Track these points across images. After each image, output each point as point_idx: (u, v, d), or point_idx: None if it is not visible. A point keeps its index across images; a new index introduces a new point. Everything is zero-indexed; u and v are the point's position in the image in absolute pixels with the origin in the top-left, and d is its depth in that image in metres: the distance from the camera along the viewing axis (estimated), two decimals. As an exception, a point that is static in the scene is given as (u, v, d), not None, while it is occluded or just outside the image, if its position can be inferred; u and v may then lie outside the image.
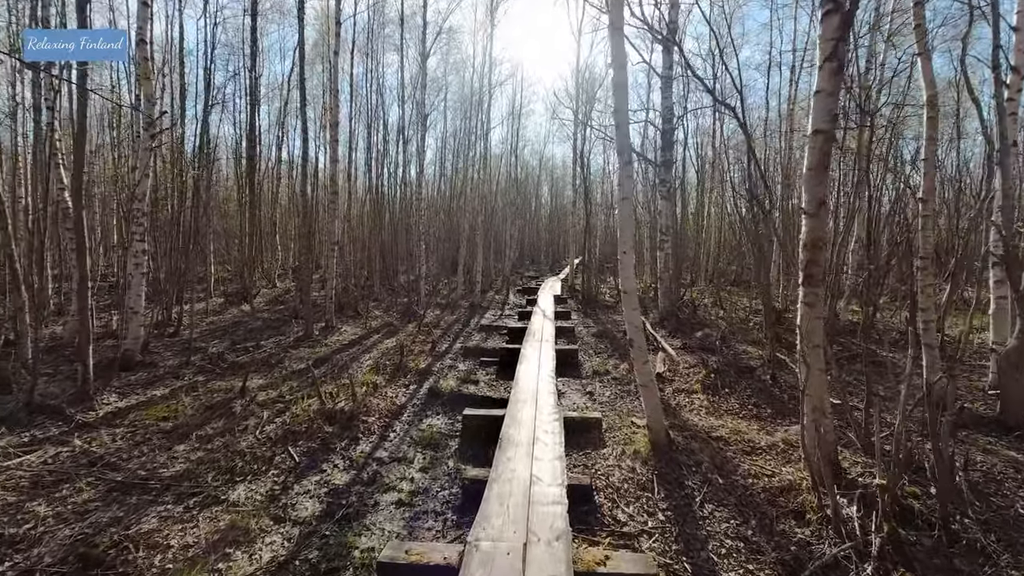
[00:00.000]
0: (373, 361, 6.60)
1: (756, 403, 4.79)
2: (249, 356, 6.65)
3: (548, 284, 14.93)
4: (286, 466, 3.51)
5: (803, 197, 2.89)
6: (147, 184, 5.41)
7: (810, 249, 2.88)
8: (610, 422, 4.33)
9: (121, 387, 5.07)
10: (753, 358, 6.37)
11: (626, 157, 3.28)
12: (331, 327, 8.66)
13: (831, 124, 2.71)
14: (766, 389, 5.14)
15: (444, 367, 6.42)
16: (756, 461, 3.45)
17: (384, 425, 4.31)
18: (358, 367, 6.31)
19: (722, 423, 4.25)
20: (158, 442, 3.82)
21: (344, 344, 7.68)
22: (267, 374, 5.89)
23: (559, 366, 5.93)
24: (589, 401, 5.09)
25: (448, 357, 6.96)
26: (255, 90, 11.34)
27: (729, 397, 4.96)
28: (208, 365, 6.07)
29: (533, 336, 7.06)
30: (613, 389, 5.46)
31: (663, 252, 8.99)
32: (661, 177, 8.84)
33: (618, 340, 7.96)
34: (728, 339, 7.30)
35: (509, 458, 3.15)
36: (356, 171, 15.67)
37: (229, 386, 5.17)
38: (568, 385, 5.65)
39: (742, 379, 5.41)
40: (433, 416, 4.61)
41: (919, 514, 2.48)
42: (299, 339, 7.80)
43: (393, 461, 3.65)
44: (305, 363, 6.49)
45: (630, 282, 3.35)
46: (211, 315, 10.15)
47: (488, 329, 9.04)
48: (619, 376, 5.90)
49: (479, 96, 12.61)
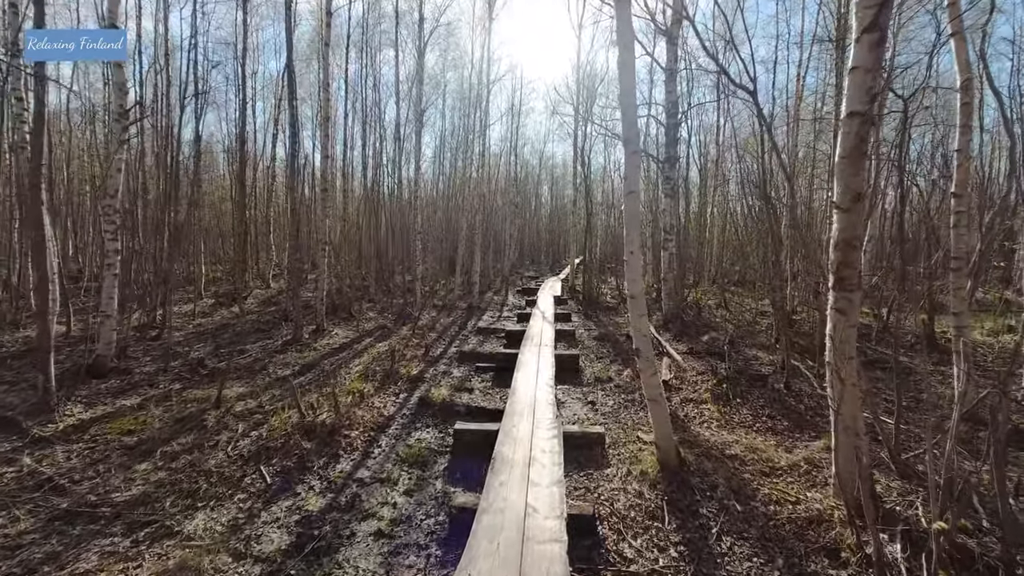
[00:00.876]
0: (363, 367, 6.26)
1: (771, 414, 4.44)
2: (232, 362, 6.30)
3: (548, 285, 14.58)
4: (256, 489, 3.16)
5: (835, 189, 2.54)
6: (119, 179, 5.07)
7: (843, 249, 2.53)
8: (614, 436, 3.99)
9: (88, 396, 4.73)
10: (764, 364, 6.02)
11: (633, 146, 2.94)
12: (322, 330, 8.32)
13: (869, 104, 2.37)
14: (780, 399, 4.80)
15: (437, 373, 6.07)
16: (777, 484, 3.11)
17: (368, 440, 3.96)
18: (346, 373, 5.97)
19: (736, 438, 3.90)
20: (118, 460, 3.48)
21: (334, 348, 7.34)
22: (249, 381, 5.55)
23: (559, 372, 5.59)
24: (591, 411, 4.75)
25: (442, 362, 6.62)
26: (246, 85, 11.00)
27: (741, 408, 4.61)
28: (187, 372, 5.73)
29: (532, 340, 6.72)
30: (616, 398, 5.12)
31: (667, 252, 8.64)
32: (665, 174, 8.49)
33: (621, 344, 7.62)
34: (736, 343, 6.95)
35: (502, 482, 2.81)
36: (353, 170, 15.32)
37: (205, 395, 4.83)
38: (568, 393, 5.31)
39: (754, 388, 5.06)
40: (423, 429, 4.26)
41: (978, 557, 2.13)
42: (287, 343, 7.46)
43: (375, 482, 3.31)
44: (291, 369, 6.16)
45: (637, 285, 3.00)
46: (199, 317, 9.82)
47: (485, 332, 8.70)
48: (622, 384, 5.56)
49: (477, 92, 12.28)
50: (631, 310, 3.07)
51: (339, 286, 11.79)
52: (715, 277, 15.83)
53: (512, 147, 21.92)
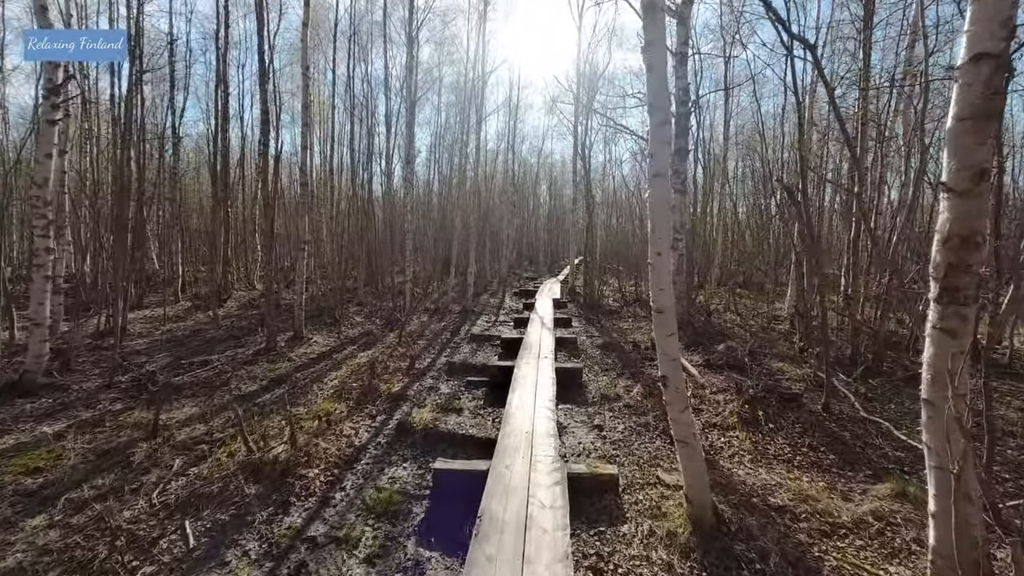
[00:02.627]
0: (339, 381, 5.55)
1: (812, 445, 3.75)
2: (189, 375, 5.59)
3: (547, 286, 13.90)
4: (172, 556, 2.45)
5: (946, 165, 1.85)
6: (49, 167, 4.35)
7: (955, 247, 1.85)
8: (628, 476, 3.29)
9: (5, 421, 4.01)
10: (792, 379, 5.34)
11: (661, 114, 2.25)
12: (300, 337, 7.61)
13: (1004, 43, 1.68)
14: (819, 424, 4.11)
15: (423, 389, 5.37)
16: (846, 552, 2.41)
17: (330, 481, 3.25)
18: (319, 390, 5.26)
19: (778, 479, 3.21)
20: (6, 512, 2.77)
21: (311, 359, 6.63)
22: (204, 400, 4.84)
23: (560, 388, 4.90)
24: (597, 439, 4.04)
25: (429, 376, 5.91)
26: (226, 72, 10.29)
27: (775, 436, 3.92)
28: (134, 388, 5.02)
29: (529, 350, 6.02)
30: (626, 421, 4.42)
31: (676, 252, 7.94)
32: (675, 168, 7.79)
33: (627, 354, 6.93)
34: (756, 353, 6.27)
35: (489, 557, 2.11)
36: (343, 166, 14.59)
37: (146, 419, 4.12)
38: (571, 415, 4.61)
39: (787, 410, 4.37)
40: (398, 464, 3.55)
41: None
42: (259, 352, 6.74)
43: (330, 543, 2.61)
44: (257, 384, 5.45)
45: (666, 296, 2.30)
46: (170, 322, 9.10)
47: (479, 339, 8.00)
48: (632, 403, 4.86)
49: (472, 83, 11.57)
50: (657, 327, 2.37)
51: (323, 289, 11.08)
52: (720, 279, 15.17)
53: (509, 145, 21.24)
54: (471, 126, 11.59)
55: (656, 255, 2.29)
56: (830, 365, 4.37)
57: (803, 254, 5.96)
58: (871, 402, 4.65)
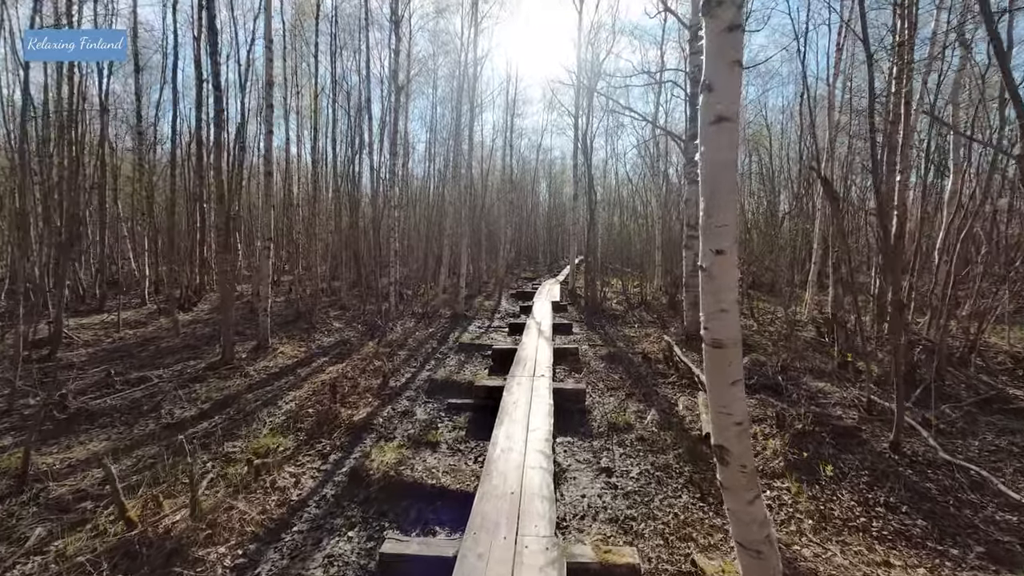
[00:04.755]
0: (296, 404, 4.66)
1: (890, 503, 2.86)
2: (120, 396, 4.70)
3: (545, 288, 12.99)
4: None
5: None
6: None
7: None
8: (653, 560, 2.40)
9: None
10: (838, 403, 4.44)
11: (731, 12, 1.35)
12: (265, 348, 6.70)
13: None
14: (892, 470, 3.21)
15: (395, 415, 4.48)
16: None
17: (239, 567, 2.36)
18: (268, 417, 4.36)
19: (859, 563, 2.31)
20: None
21: (271, 374, 5.73)
22: (123, 431, 3.95)
23: (559, 415, 4.03)
24: (606, 489, 3.15)
25: (405, 396, 5.01)
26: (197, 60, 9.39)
27: (838, 488, 3.02)
28: (40, 414, 4.12)
29: (523, 365, 5.13)
30: (641, 461, 3.52)
31: (691, 251, 7.07)
32: (690, 156, 6.92)
33: (636, 367, 6.04)
34: (788, 369, 5.37)
35: None
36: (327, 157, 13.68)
37: (34, 460, 3.22)
38: (572, 451, 3.72)
39: (845, 448, 3.48)
40: (341, 534, 2.66)
41: None
42: (213, 366, 5.85)
43: None
44: (196, 408, 4.56)
45: (729, 323, 1.42)
46: (128, 328, 8.21)
47: (468, 349, 7.10)
48: (647, 435, 3.96)
49: (464, 67, 10.67)
50: (713, 370, 1.47)
51: (301, 292, 10.19)
52: (730, 280, 14.25)
53: (507, 141, 20.35)
54: (463, 111, 10.68)
55: (714, 253, 1.40)
56: (900, 392, 3.46)
57: (842, 254, 5.08)
58: (947, 437, 3.75)
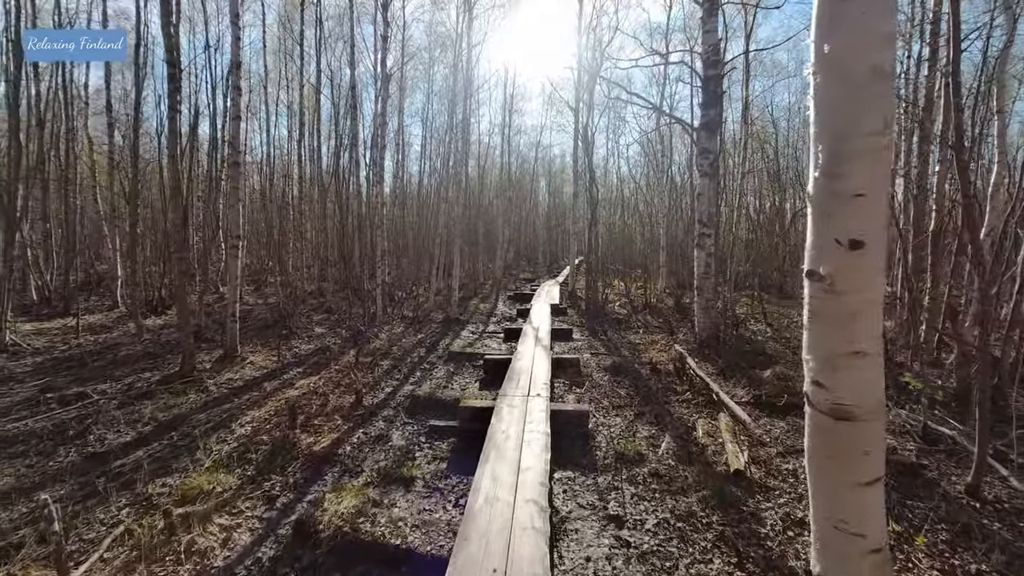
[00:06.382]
0: (252, 428, 4.02)
1: (983, 571, 2.21)
2: (47, 416, 4.06)
3: (544, 290, 12.35)
4: None
5: None
6: None
7: None
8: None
9: None
10: (887, 429, 3.79)
11: None
12: (232, 357, 6.06)
13: None
14: (975, 523, 2.56)
15: (366, 442, 3.83)
16: None
17: None
18: (216, 444, 3.71)
19: None
20: None
21: (234, 388, 5.09)
22: (34, 462, 3.31)
23: (558, 443, 3.42)
24: (616, 547, 2.50)
25: (382, 416, 4.36)
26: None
27: (910, 548, 2.38)
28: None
29: (518, 381, 4.47)
30: (659, 509, 2.86)
31: (703, 251, 6.42)
32: (702, 145, 6.27)
33: (644, 380, 5.39)
34: (819, 385, 4.72)
35: None
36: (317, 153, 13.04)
37: None
38: (573, 490, 3.07)
39: (909, 492, 2.83)
40: (268, 621, 2.01)
41: None
42: (168, 378, 5.21)
43: None
44: (134, 431, 3.91)
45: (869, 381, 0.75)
46: (91, 333, 7.59)
47: (459, 358, 6.45)
48: (663, 470, 3.31)
49: (457, 54, 10.01)
50: (828, 456, 0.78)
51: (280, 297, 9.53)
52: (737, 281, 13.62)
53: (505, 138, 19.73)
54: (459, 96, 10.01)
55: (844, 248, 0.74)
56: (983, 422, 2.82)
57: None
58: (1027, 475, 3.10)
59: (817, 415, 0.84)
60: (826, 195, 0.79)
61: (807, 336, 0.85)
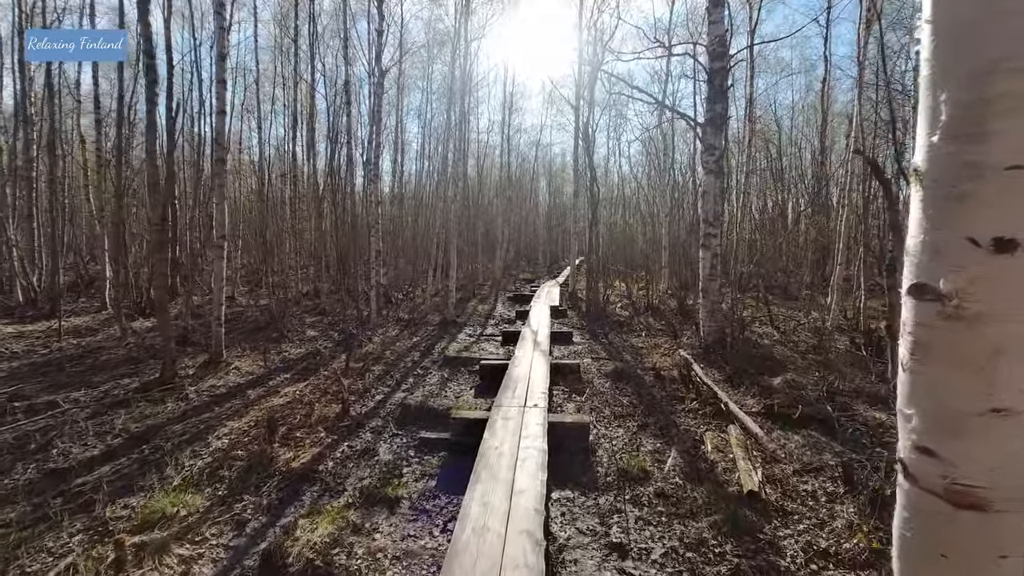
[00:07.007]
0: (229, 441, 3.76)
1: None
2: (12, 428, 3.80)
3: (544, 291, 12.09)
4: None
5: None
6: None
7: None
8: None
9: None
10: (908, 443, 3.52)
11: None
12: (217, 362, 5.81)
13: None
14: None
15: (350, 456, 3.57)
16: None
17: None
18: (189, 459, 3.45)
19: None
20: None
21: (216, 396, 4.83)
22: (-11, 483, 3.05)
23: (556, 459, 3.16)
24: (621, 582, 2.24)
25: (369, 427, 4.11)
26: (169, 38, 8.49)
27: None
28: None
29: (514, 390, 4.21)
30: (666, 536, 2.60)
31: (709, 251, 6.16)
32: (707, 142, 6.01)
33: (648, 387, 5.13)
34: (836, 394, 4.46)
35: None
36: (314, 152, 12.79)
37: None
38: (572, 513, 2.82)
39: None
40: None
41: None
42: (147, 385, 4.94)
43: None
44: (103, 444, 3.66)
45: (1017, 456, 0.48)
46: (70, 336, 7.33)
47: (454, 363, 6.19)
48: (670, 490, 3.04)
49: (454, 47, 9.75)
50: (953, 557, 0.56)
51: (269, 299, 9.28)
52: (741, 283, 13.35)
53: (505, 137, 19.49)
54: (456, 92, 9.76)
55: (988, 250, 0.48)
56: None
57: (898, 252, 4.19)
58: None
59: (922, 495, 0.57)
60: (953, 169, 0.52)
61: (908, 380, 0.59)
